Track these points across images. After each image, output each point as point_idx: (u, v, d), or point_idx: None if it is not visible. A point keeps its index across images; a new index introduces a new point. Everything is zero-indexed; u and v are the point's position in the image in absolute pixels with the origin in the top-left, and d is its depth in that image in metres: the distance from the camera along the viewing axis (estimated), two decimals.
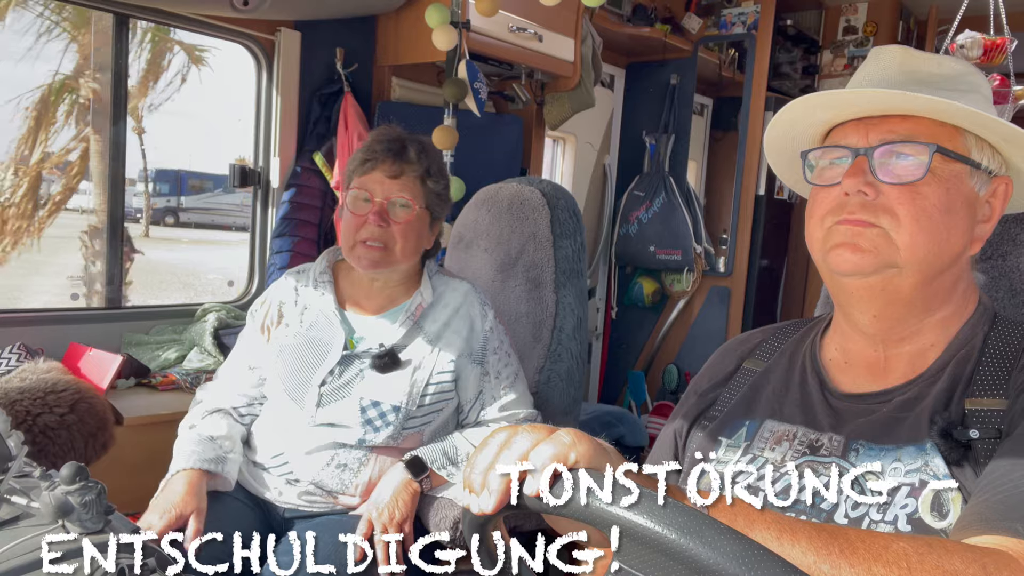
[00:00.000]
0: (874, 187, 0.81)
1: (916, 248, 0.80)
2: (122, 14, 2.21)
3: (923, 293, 0.84)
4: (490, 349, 1.50)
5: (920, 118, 0.82)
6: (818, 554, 0.59)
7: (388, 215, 1.42)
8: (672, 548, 0.49)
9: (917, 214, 0.80)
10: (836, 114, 0.87)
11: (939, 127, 0.81)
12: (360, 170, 1.43)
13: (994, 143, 0.84)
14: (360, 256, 1.42)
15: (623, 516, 0.52)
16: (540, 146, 3.19)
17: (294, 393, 1.43)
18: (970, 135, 0.82)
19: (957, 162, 0.81)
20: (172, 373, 2.23)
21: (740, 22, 3.69)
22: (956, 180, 0.81)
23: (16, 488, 0.75)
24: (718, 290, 3.82)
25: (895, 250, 0.80)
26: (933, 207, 0.80)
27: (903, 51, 0.87)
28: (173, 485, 1.32)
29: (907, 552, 0.59)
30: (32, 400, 1.72)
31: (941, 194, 0.80)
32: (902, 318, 0.86)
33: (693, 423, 1.00)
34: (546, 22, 2.69)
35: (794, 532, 0.60)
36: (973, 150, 0.83)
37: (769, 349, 1.01)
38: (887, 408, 0.84)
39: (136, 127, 4.90)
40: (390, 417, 1.41)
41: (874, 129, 0.83)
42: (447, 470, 1.41)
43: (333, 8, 2.47)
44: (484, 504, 0.57)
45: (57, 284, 4.22)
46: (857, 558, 0.59)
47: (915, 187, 0.80)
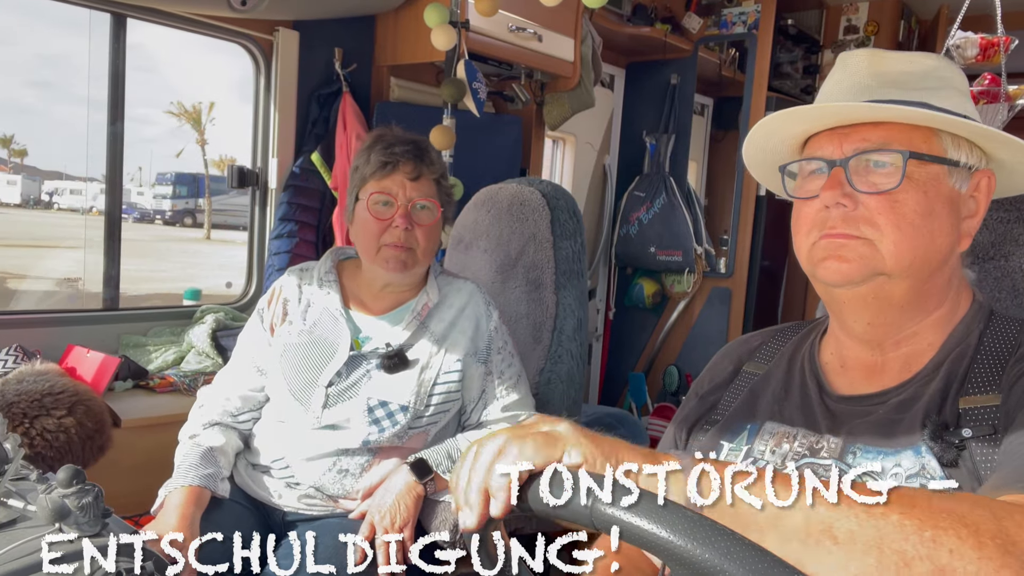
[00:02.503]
0: (852, 198, 0.81)
1: (901, 256, 0.80)
2: (120, 14, 2.21)
3: (916, 296, 0.84)
4: (494, 348, 1.49)
5: (892, 123, 0.81)
6: (827, 505, 0.58)
7: (412, 217, 1.41)
8: (669, 548, 0.50)
9: (898, 222, 0.80)
10: (809, 126, 0.87)
11: (913, 130, 0.81)
12: (379, 173, 1.41)
13: (971, 138, 0.83)
14: (388, 259, 1.41)
15: (621, 518, 0.52)
16: (540, 146, 3.19)
17: (300, 394, 1.42)
18: (945, 134, 0.82)
19: (933, 164, 0.81)
20: (170, 375, 2.22)
21: (741, 22, 3.68)
22: (934, 182, 0.81)
23: (13, 491, 0.75)
24: (719, 291, 3.81)
25: (881, 259, 0.80)
26: (913, 213, 0.80)
27: (870, 53, 0.87)
28: (169, 508, 1.30)
29: (914, 496, 0.58)
30: (29, 402, 1.71)
31: (920, 199, 0.80)
32: (897, 323, 0.85)
33: (693, 426, 1.00)
34: (546, 22, 2.69)
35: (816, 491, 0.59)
36: (950, 149, 0.82)
37: (769, 352, 1.01)
38: (883, 410, 0.83)
39: (199, 139, 4.95)
40: (398, 417, 1.40)
41: (847, 139, 0.83)
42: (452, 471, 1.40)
43: (331, 8, 2.46)
44: (467, 521, 0.62)
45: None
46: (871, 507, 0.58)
47: (892, 195, 0.80)
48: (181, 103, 20.40)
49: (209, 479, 1.36)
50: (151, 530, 1.26)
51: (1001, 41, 1.76)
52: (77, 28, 6.09)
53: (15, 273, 9.81)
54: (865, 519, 0.56)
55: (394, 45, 2.62)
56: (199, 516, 1.31)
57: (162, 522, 1.28)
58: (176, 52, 5.49)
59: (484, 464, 0.62)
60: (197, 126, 24.73)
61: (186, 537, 1.26)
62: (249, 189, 2.58)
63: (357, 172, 1.46)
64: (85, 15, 2.26)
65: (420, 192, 1.42)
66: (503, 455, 0.61)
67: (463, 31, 2.36)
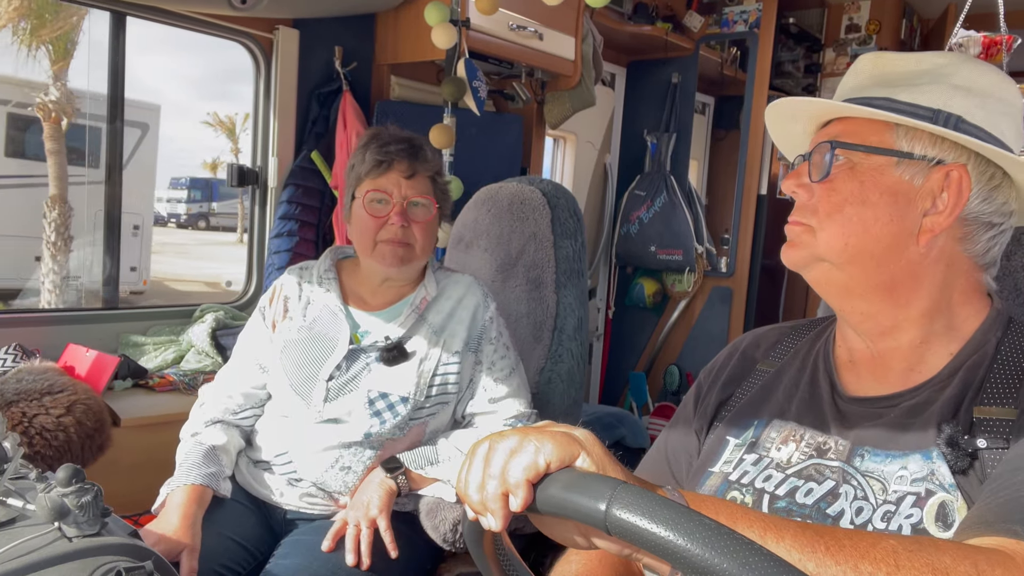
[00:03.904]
0: (808, 188, 0.86)
1: (831, 240, 0.84)
2: (119, 12, 2.21)
3: (873, 286, 0.84)
4: (486, 338, 1.49)
5: (852, 119, 0.85)
6: (803, 551, 0.58)
7: (408, 215, 1.43)
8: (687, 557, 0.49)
9: (829, 209, 0.84)
10: (806, 124, 0.93)
11: (867, 124, 0.84)
12: (375, 172, 1.43)
13: (940, 133, 0.81)
14: (385, 254, 1.43)
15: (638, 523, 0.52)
16: (540, 145, 3.18)
17: (300, 388, 1.42)
18: (901, 128, 0.83)
19: (877, 155, 0.83)
20: (169, 374, 2.22)
21: (742, 20, 3.68)
22: (875, 172, 0.83)
23: (12, 490, 0.75)
24: (720, 290, 3.81)
25: (816, 244, 0.85)
26: (844, 200, 0.83)
27: (875, 56, 0.89)
28: (171, 508, 1.30)
29: (896, 549, 0.58)
30: (28, 401, 1.71)
31: (854, 187, 0.83)
32: (869, 312, 0.86)
33: (710, 426, 0.99)
34: (546, 20, 2.68)
35: (779, 529, 0.60)
36: (902, 141, 0.82)
37: (783, 349, 1.01)
38: (894, 413, 0.83)
39: (234, 148, 4.96)
40: (399, 408, 1.41)
41: (821, 134, 0.89)
42: (424, 470, 1.41)
43: (332, 6, 2.46)
44: (492, 524, 0.61)
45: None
46: (844, 555, 0.58)
47: (830, 183, 0.84)
48: (216, 113, 20.70)
49: (211, 478, 1.36)
50: (153, 529, 1.26)
51: (1004, 40, 1.75)
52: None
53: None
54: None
55: (394, 43, 2.61)
56: (201, 516, 1.31)
57: (164, 521, 1.28)
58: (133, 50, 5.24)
59: (499, 463, 0.60)
60: (232, 136, 25.03)
61: (190, 547, 1.26)
62: (249, 188, 2.58)
63: (353, 171, 1.48)
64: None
65: (415, 190, 1.44)
66: (518, 454, 0.59)
67: (463, 29, 2.36)
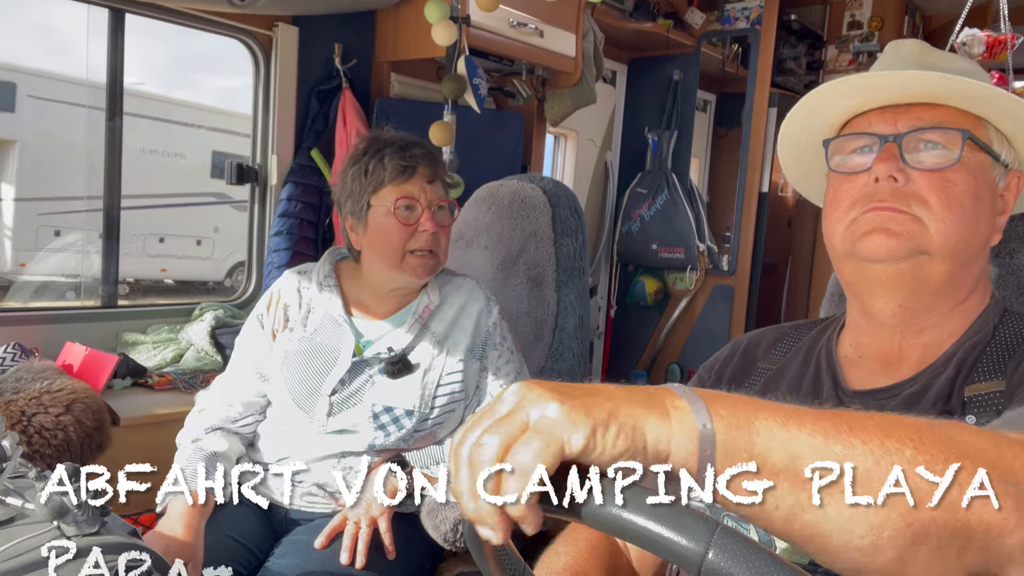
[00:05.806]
0: (904, 173, 0.80)
1: (948, 235, 0.79)
2: (118, 9, 2.20)
3: (951, 282, 0.83)
4: (490, 344, 1.47)
5: (946, 107, 0.82)
6: (827, 435, 0.54)
7: (435, 219, 1.41)
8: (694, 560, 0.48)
9: (948, 201, 0.79)
10: (861, 102, 0.85)
11: (964, 116, 0.82)
12: (400, 177, 1.38)
13: (1009, 136, 0.84)
14: (415, 267, 1.39)
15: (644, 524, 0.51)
16: (541, 143, 3.18)
17: (303, 403, 1.40)
18: (991, 126, 0.83)
19: (982, 151, 0.82)
20: (169, 373, 2.21)
21: (744, 17, 3.67)
22: (982, 169, 0.82)
23: (11, 489, 0.75)
24: (721, 289, 3.80)
25: (928, 237, 0.80)
26: (963, 194, 0.80)
27: (920, 44, 0.87)
28: (174, 516, 1.28)
29: (919, 427, 0.56)
30: (27, 400, 1.70)
31: (970, 181, 0.80)
32: (926, 308, 0.85)
33: None
34: (547, 17, 2.68)
35: (799, 417, 0.55)
36: (994, 141, 0.83)
37: (784, 347, 1.00)
38: (894, 403, 0.83)
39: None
40: (403, 421, 1.39)
41: (902, 117, 0.82)
42: (430, 469, 1.40)
43: (331, 3, 2.45)
44: (491, 537, 0.52)
45: None
46: (868, 435, 0.55)
47: (944, 174, 0.80)
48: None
49: (214, 485, 1.34)
50: (155, 536, 1.25)
51: (1008, 39, 1.75)
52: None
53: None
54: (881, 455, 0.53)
55: (394, 41, 2.60)
56: (204, 524, 1.30)
57: (167, 530, 1.27)
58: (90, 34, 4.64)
59: (481, 477, 0.51)
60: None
61: (192, 559, 1.25)
62: (248, 186, 2.57)
63: (368, 177, 1.40)
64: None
65: (438, 194, 1.42)
66: (509, 457, 0.50)
67: (464, 26, 2.35)
